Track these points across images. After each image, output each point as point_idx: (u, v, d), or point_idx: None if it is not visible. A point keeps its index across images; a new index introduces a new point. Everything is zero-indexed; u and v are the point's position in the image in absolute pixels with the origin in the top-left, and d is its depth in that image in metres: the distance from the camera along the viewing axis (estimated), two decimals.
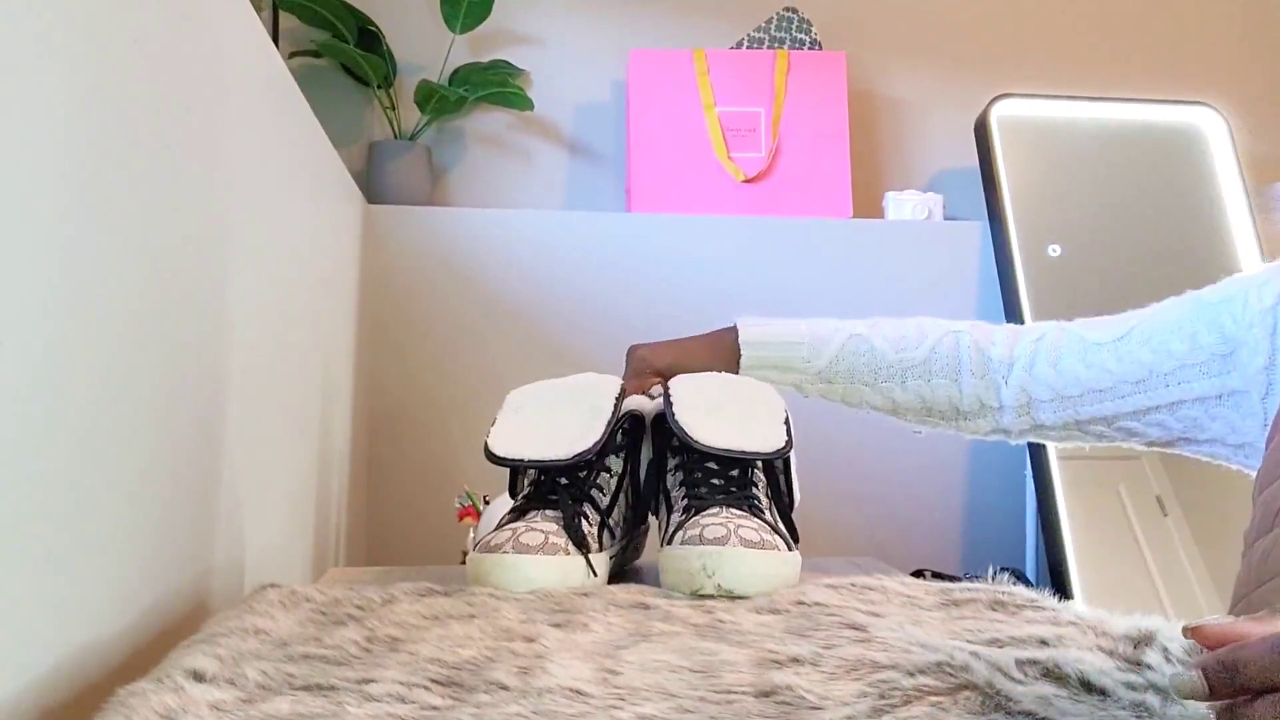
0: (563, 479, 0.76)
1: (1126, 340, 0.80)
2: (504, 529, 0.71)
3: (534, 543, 0.69)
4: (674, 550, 0.68)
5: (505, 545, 0.68)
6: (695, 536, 0.67)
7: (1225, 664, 0.36)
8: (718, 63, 1.81)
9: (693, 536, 0.67)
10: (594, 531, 0.74)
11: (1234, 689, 0.36)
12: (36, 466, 0.48)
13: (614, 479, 0.79)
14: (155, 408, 0.63)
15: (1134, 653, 0.52)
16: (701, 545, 0.66)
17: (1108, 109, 1.87)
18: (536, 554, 0.68)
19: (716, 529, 0.67)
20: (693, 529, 0.69)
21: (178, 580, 0.68)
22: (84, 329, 0.53)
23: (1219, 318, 0.76)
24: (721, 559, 0.65)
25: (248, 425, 0.86)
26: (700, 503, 0.73)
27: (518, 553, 0.68)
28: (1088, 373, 0.80)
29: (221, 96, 0.78)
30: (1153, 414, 0.78)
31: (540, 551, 0.68)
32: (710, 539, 0.66)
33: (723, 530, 0.67)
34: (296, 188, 1.09)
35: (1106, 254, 1.75)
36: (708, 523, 0.69)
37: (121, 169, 0.57)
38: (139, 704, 0.44)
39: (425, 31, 1.89)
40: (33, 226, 0.47)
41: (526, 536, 0.69)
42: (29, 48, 0.47)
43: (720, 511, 0.71)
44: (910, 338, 0.85)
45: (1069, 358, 0.81)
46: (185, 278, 0.69)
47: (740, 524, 0.68)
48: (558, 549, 0.69)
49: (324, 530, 1.26)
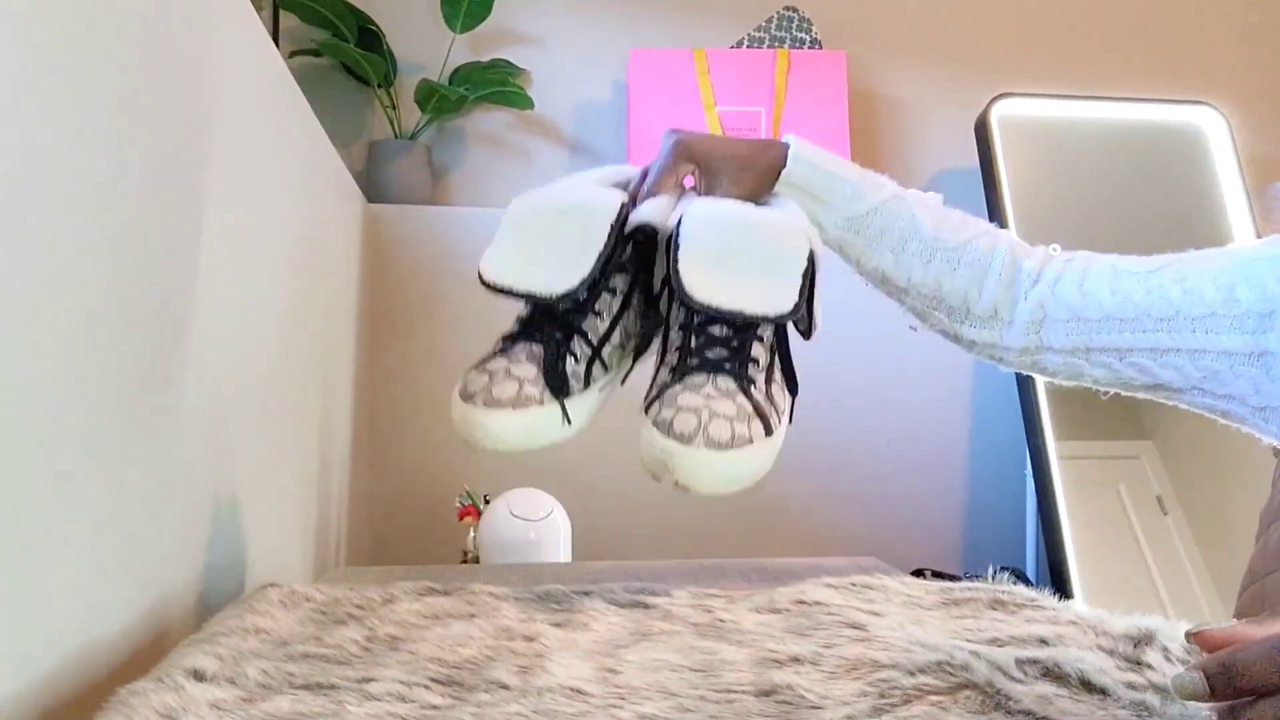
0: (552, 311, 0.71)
1: (1158, 274, 0.76)
2: (485, 366, 0.68)
3: (506, 395, 0.65)
4: (646, 428, 0.64)
5: (478, 397, 0.66)
6: (665, 422, 0.63)
7: (1226, 665, 0.36)
8: (718, 62, 1.81)
9: (663, 421, 0.63)
10: (580, 370, 0.69)
11: (1235, 690, 0.36)
12: (36, 466, 0.48)
13: (617, 299, 0.73)
14: (155, 407, 0.63)
15: (1134, 652, 0.52)
16: (667, 439, 0.62)
17: (1108, 109, 1.86)
18: (506, 409, 0.65)
19: (687, 419, 0.62)
20: (666, 409, 0.64)
21: (178, 580, 0.68)
22: (83, 328, 0.53)
23: (1261, 275, 0.72)
24: (683, 461, 0.61)
25: (248, 424, 0.86)
26: (686, 368, 0.67)
27: (488, 407, 0.65)
28: (1112, 299, 0.76)
29: (221, 96, 0.78)
30: (1171, 355, 0.73)
31: (511, 406, 0.65)
32: (677, 433, 0.62)
33: (693, 422, 0.62)
34: (296, 187, 1.09)
35: (1106, 253, 1.75)
36: (683, 403, 0.64)
37: (120, 169, 0.57)
38: (140, 703, 0.44)
39: (426, 31, 1.88)
40: (32, 226, 0.47)
41: (500, 389, 0.66)
42: (28, 47, 0.47)
43: (705, 385, 0.65)
44: (952, 222, 0.81)
45: (1095, 280, 0.77)
46: (185, 277, 0.69)
47: (717, 411, 0.63)
48: (530, 401, 0.66)
49: (324, 530, 1.26)
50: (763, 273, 0.68)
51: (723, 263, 0.67)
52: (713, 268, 0.66)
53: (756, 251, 0.69)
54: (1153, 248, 0.78)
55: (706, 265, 0.67)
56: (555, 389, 0.67)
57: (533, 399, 0.66)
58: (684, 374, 0.66)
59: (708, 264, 0.67)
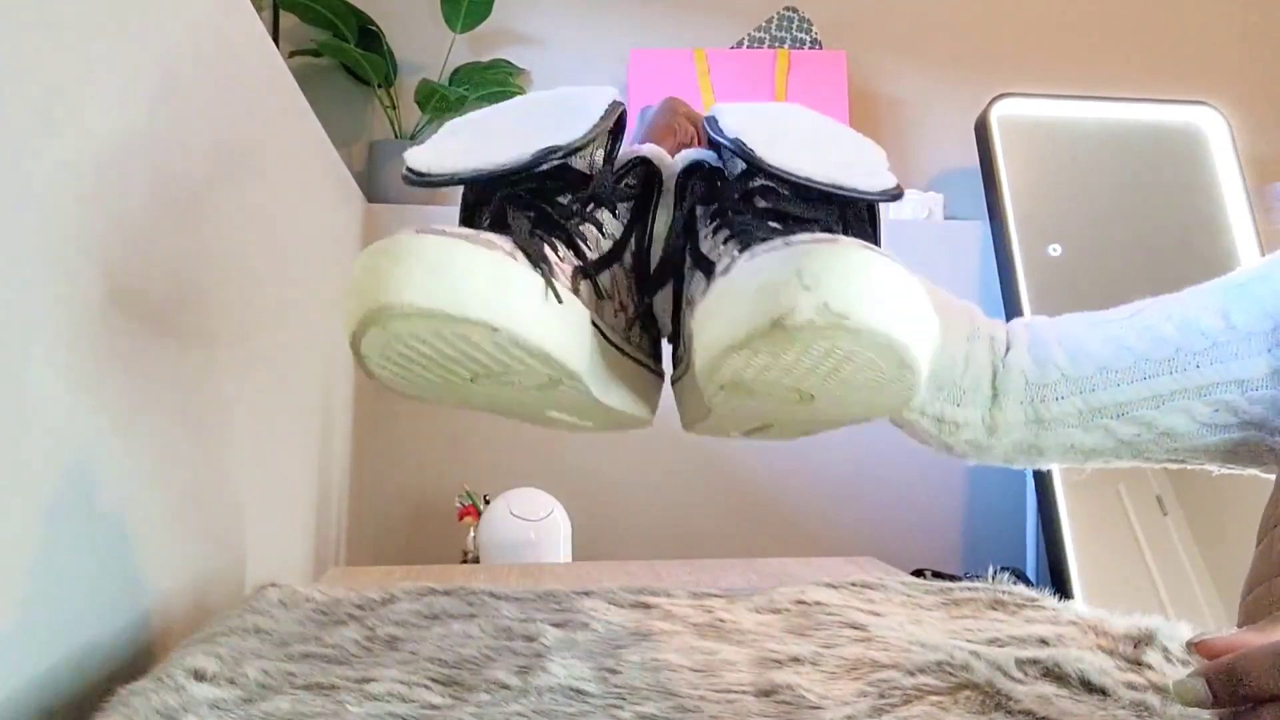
0: (521, 193, 0.48)
1: (1141, 316, 0.69)
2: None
3: (457, 232, 0.39)
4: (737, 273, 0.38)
5: (403, 231, 0.38)
6: (777, 245, 0.38)
7: (1229, 672, 0.36)
8: (718, 62, 1.81)
9: (773, 247, 0.38)
10: (565, 266, 0.46)
11: (1237, 697, 0.36)
12: (37, 467, 0.48)
13: (606, 241, 0.51)
14: (155, 407, 0.63)
15: (1134, 652, 0.52)
16: (791, 247, 0.37)
17: (1108, 108, 1.86)
18: (459, 240, 0.38)
19: (811, 234, 0.39)
20: (766, 244, 0.39)
21: (178, 580, 0.68)
22: (83, 329, 0.53)
23: (1254, 294, 0.67)
24: (830, 262, 0.36)
25: (248, 425, 0.86)
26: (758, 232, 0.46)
27: (421, 233, 0.38)
28: (1103, 348, 0.68)
29: (222, 95, 0.78)
30: (1178, 398, 0.67)
31: (465, 239, 0.38)
32: (803, 240, 0.38)
33: (825, 236, 0.38)
34: (297, 187, 1.09)
35: (1107, 254, 1.75)
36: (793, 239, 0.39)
37: (120, 169, 0.57)
38: (140, 703, 0.44)
39: (426, 31, 1.88)
40: (31, 225, 0.47)
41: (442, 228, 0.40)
42: (26, 46, 0.47)
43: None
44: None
45: (1075, 335, 0.70)
46: (184, 277, 0.69)
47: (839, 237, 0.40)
48: (497, 247, 0.39)
49: (324, 530, 1.25)
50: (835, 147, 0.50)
51: (784, 135, 0.49)
52: (778, 138, 0.48)
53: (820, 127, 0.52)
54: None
55: (770, 133, 0.49)
56: (535, 256, 0.41)
57: (502, 249, 0.39)
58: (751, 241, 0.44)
59: (770, 133, 0.49)
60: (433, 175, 0.46)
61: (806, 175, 0.45)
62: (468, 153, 0.47)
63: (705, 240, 0.50)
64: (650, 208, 0.55)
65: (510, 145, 0.47)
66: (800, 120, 0.52)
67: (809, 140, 0.50)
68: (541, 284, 0.39)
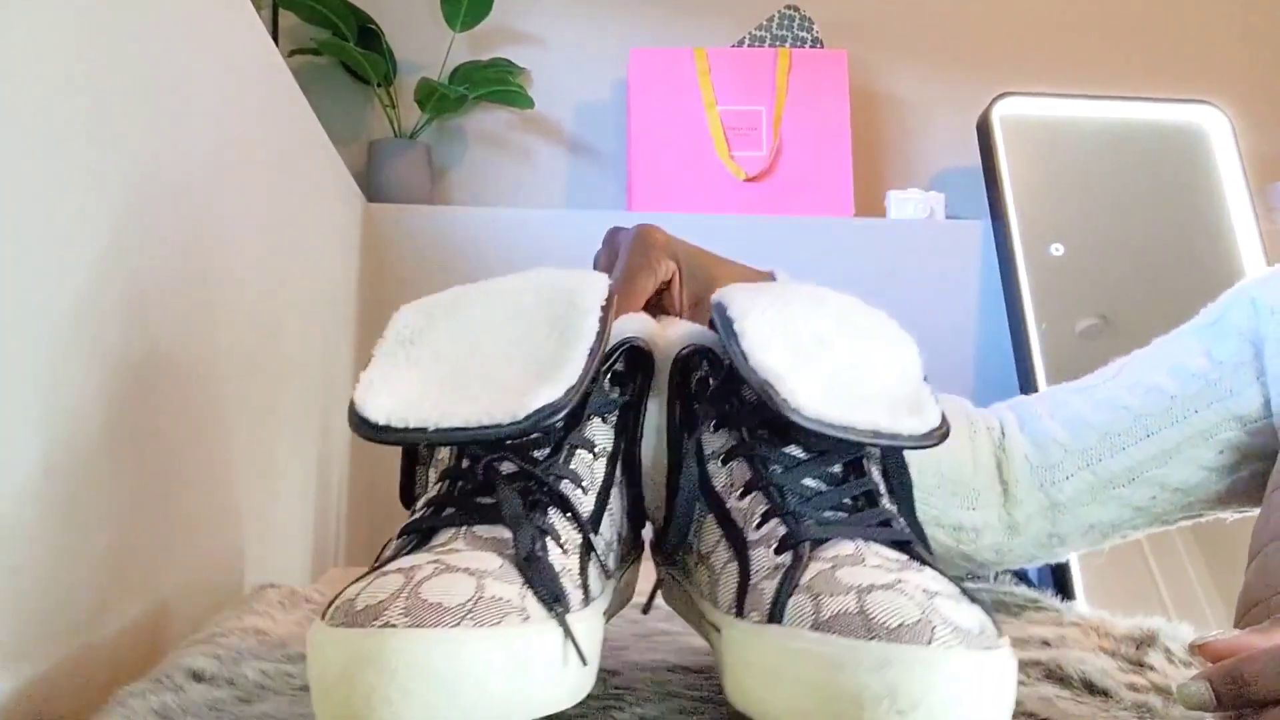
0: (505, 462, 0.40)
1: (1128, 371, 0.67)
2: (388, 568, 0.35)
3: (454, 599, 0.32)
4: (803, 644, 0.33)
5: (390, 608, 0.32)
6: (851, 615, 0.33)
7: (1232, 675, 0.36)
8: (719, 61, 1.81)
9: (846, 615, 0.33)
10: (572, 567, 0.39)
11: (1241, 700, 0.36)
12: (35, 465, 0.48)
13: (600, 463, 0.44)
14: (154, 406, 0.63)
15: (1136, 653, 0.52)
16: (875, 640, 0.32)
17: (1111, 108, 1.86)
18: (459, 624, 0.31)
19: (894, 601, 0.33)
20: (838, 596, 0.34)
21: (176, 580, 0.68)
22: (81, 327, 0.53)
23: (1228, 327, 0.66)
24: (932, 682, 0.31)
25: (247, 424, 0.86)
26: (807, 526, 0.39)
27: (415, 624, 0.31)
28: (1098, 414, 0.65)
29: (221, 94, 0.77)
30: (1184, 448, 0.65)
31: (468, 619, 0.32)
32: (891, 625, 0.32)
33: (913, 610, 0.32)
34: (296, 186, 1.08)
35: (1109, 253, 1.75)
36: (863, 578, 0.34)
37: (118, 168, 0.57)
38: (139, 704, 0.44)
39: (425, 30, 1.88)
40: (30, 223, 0.47)
41: (434, 586, 0.33)
42: (27, 44, 0.47)
43: (860, 552, 0.37)
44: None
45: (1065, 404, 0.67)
46: (183, 277, 0.69)
47: (924, 586, 0.34)
48: (506, 609, 0.33)
49: (324, 530, 1.25)
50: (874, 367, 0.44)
51: (812, 355, 0.42)
52: (801, 364, 0.42)
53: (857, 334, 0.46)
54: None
55: (792, 358, 0.42)
56: (548, 596, 0.35)
57: (510, 605, 0.33)
58: (812, 543, 0.38)
59: (792, 355, 0.42)
60: (395, 429, 0.39)
61: (845, 425, 0.40)
62: (439, 401, 0.40)
63: (718, 472, 0.43)
64: (642, 401, 0.48)
65: (494, 392, 0.40)
66: (832, 329, 0.45)
67: (845, 363, 0.43)
68: (560, 644, 0.34)
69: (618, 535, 0.46)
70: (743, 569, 0.39)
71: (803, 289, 0.48)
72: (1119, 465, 0.65)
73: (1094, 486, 0.65)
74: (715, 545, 0.42)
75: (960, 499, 0.64)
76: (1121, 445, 0.65)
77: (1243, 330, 0.65)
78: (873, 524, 0.40)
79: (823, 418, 0.39)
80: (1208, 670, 0.37)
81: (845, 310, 0.47)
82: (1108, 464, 0.65)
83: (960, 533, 0.65)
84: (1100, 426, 0.65)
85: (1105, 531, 0.68)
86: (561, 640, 0.34)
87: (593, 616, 0.39)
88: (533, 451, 0.42)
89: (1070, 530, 0.67)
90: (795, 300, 0.46)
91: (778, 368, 0.41)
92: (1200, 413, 0.65)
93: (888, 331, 0.47)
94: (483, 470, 0.40)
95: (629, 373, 0.48)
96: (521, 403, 0.39)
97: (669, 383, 0.48)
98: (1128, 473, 0.65)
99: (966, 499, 0.64)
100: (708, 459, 0.45)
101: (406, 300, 0.47)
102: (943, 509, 0.64)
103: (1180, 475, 0.65)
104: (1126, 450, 0.65)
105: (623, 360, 0.47)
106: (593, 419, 0.45)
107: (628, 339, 0.47)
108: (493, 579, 0.34)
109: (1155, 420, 0.65)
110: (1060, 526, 0.66)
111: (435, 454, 0.44)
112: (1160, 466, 0.65)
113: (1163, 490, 0.66)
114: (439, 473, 0.43)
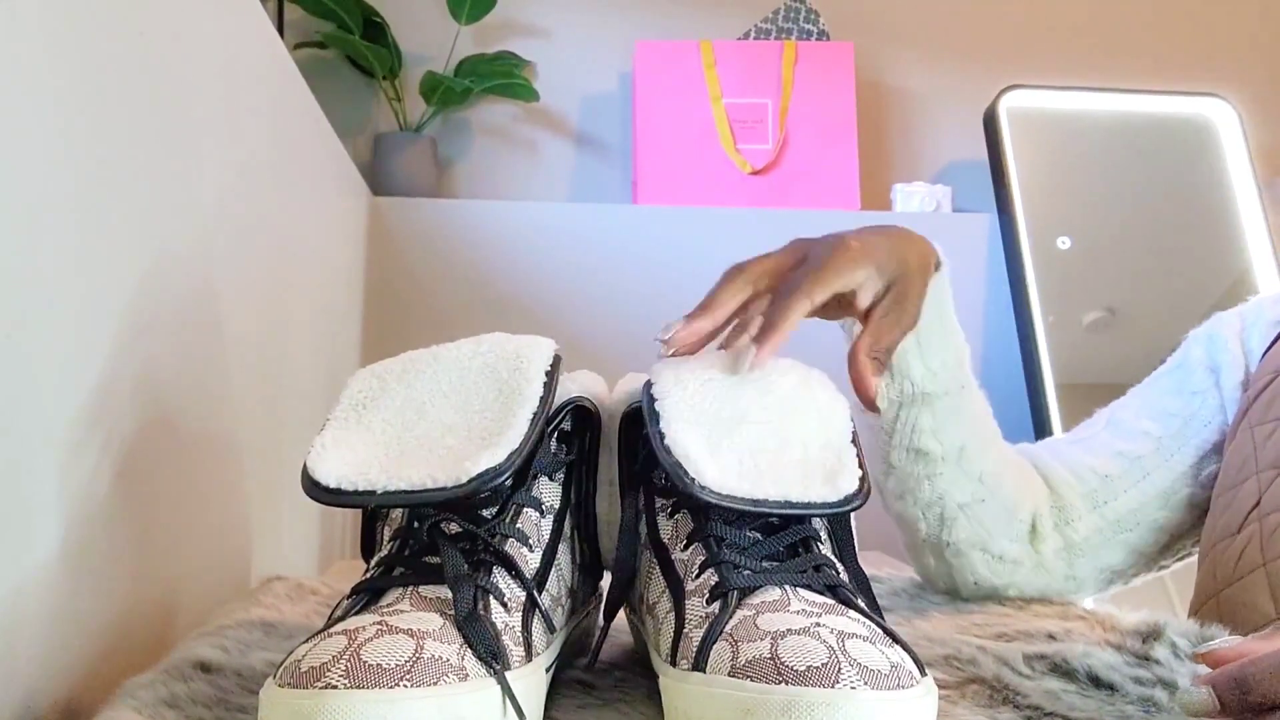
0: (451, 524, 0.42)
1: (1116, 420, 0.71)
2: (335, 629, 0.37)
3: (393, 660, 0.34)
4: (714, 684, 0.36)
5: (332, 669, 0.34)
6: (764, 660, 0.35)
7: (1236, 680, 0.36)
8: (724, 54, 1.80)
9: (759, 660, 0.35)
10: (515, 624, 0.41)
11: (1245, 705, 0.35)
12: (42, 461, 0.48)
13: (548, 520, 0.46)
14: (160, 401, 0.63)
15: (1142, 647, 0.52)
16: (789, 685, 0.34)
17: (1118, 100, 1.85)
18: (397, 685, 0.34)
19: (805, 645, 0.35)
20: (754, 641, 0.36)
21: (184, 573, 0.68)
22: (87, 323, 0.53)
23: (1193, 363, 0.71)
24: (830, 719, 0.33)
25: (254, 417, 0.86)
26: (738, 575, 0.41)
27: (355, 685, 0.33)
28: (1095, 459, 0.69)
29: (226, 88, 0.77)
30: (1178, 489, 0.69)
31: (405, 679, 0.34)
32: (799, 669, 0.34)
33: (821, 652, 0.35)
34: (301, 179, 1.08)
35: (1116, 246, 1.74)
36: (780, 623, 0.37)
37: (125, 161, 0.57)
38: (147, 694, 0.44)
39: (431, 22, 1.88)
40: (35, 220, 0.47)
41: (375, 648, 0.35)
42: (33, 36, 0.47)
43: (786, 598, 0.39)
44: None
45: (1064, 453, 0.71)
46: (190, 270, 0.69)
47: (840, 628, 0.37)
48: (444, 669, 0.35)
49: (330, 523, 1.26)
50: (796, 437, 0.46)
51: (732, 429, 0.45)
52: (719, 439, 0.44)
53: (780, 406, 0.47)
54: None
55: (709, 433, 0.44)
56: (485, 653, 0.37)
57: (447, 666, 0.35)
58: (741, 592, 0.40)
59: (709, 431, 0.44)
60: (345, 492, 0.42)
61: (755, 499, 0.42)
62: (387, 464, 0.42)
63: (664, 524, 0.46)
64: (592, 457, 0.51)
65: (440, 456, 0.42)
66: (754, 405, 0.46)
67: (764, 436, 0.45)
68: (498, 699, 0.36)
69: (566, 590, 0.47)
70: (679, 618, 0.41)
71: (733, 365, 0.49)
72: (1124, 507, 0.69)
73: (1102, 530, 0.69)
74: (660, 595, 0.44)
75: (1008, 526, 0.67)
76: (1123, 488, 0.69)
77: (1204, 362, 0.71)
78: (805, 569, 0.42)
79: (733, 493, 0.42)
80: (1210, 675, 0.36)
81: (771, 384, 0.48)
82: (1113, 506, 0.69)
83: (1000, 563, 0.67)
84: (1100, 470, 0.69)
85: (1110, 578, 0.71)
86: (500, 698, 0.36)
87: (533, 673, 0.40)
88: (481, 511, 0.44)
89: (1087, 575, 0.70)
90: (718, 379, 0.48)
91: (690, 448, 0.43)
92: (1183, 450, 0.69)
93: (818, 399, 0.48)
94: (427, 531, 0.42)
95: (576, 431, 0.50)
96: (464, 467, 0.41)
97: (617, 440, 0.50)
98: (1131, 515, 0.69)
99: (1012, 527, 0.67)
100: (657, 511, 0.47)
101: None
102: (992, 533, 0.66)
103: (1179, 519, 0.70)
104: (1128, 493, 0.69)
105: (569, 419, 0.49)
106: (539, 478, 0.47)
107: (573, 399, 0.49)
108: (432, 639, 0.36)
109: (1149, 462, 0.69)
110: (1077, 569, 0.69)
111: (389, 512, 0.45)
112: (1160, 510, 0.69)
113: (1164, 535, 0.70)
114: (391, 531, 0.45)
